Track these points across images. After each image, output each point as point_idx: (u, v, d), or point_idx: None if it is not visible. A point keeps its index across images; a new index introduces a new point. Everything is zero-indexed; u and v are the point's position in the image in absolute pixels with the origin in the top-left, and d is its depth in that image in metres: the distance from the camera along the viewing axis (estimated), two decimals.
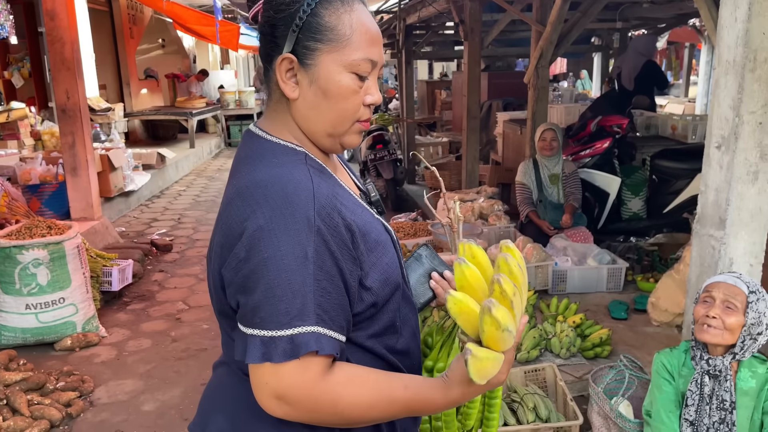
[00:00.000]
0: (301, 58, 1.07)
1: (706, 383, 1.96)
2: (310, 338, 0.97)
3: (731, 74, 2.14)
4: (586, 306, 3.97)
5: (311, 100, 1.09)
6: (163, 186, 9.01)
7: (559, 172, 4.86)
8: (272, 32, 1.09)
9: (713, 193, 2.26)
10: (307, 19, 1.05)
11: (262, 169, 1.05)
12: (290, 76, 1.09)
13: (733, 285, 1.91)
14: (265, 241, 0.98)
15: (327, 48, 1.06)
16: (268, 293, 0.97)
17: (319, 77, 1.07)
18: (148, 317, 4.33)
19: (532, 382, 2.94)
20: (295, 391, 0.99)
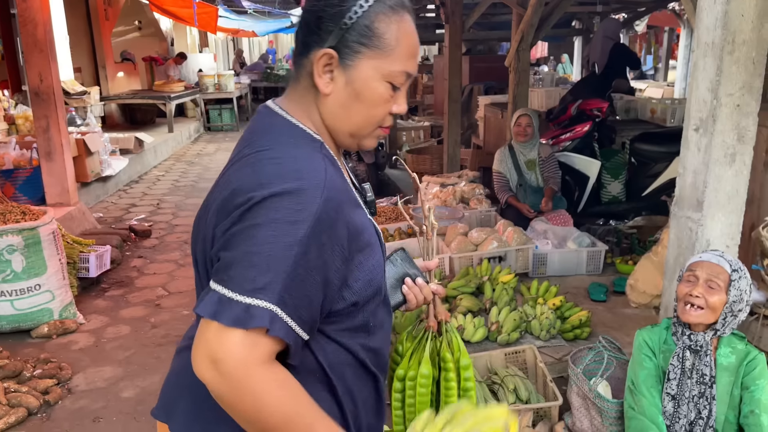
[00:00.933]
0: (342, 56, 1.06)
1: (687, 358, 1.99)
2: (264, 314, 0.95)
3: (710, 56, 2.14)
4: (566, 288, 4.00)
5: (343, 100, 1.09)
6: (141, 171, 8.88)
7: (535, 157, 4.88)
8: (317, 23, 1.07)
9: (691, 176, 2.27)
10: (357, 21, 1.05)
11: (279, 147, 1.06)
12: (327, 71, 1.08)
13: (716, 264, 1.93)
14: (263, 209, 0.98)
15: (371, 53, 1.06)
16: (245, 256, 0.96)
17: (356, 79, 1.07)
18: (127, 303, 4.29)
19: (512, 364, 2.96)
20: (230, 361, 0.94)
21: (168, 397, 1.21)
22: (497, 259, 4.19)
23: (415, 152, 7.62)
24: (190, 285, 4.60)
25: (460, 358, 1.48)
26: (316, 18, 1.07)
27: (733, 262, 1.95)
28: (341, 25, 1.05)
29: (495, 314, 3.37)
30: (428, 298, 1.44)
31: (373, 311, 1.18)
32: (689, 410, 2.00)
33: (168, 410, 1.18)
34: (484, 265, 4.01)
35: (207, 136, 12.89)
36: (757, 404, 1.92)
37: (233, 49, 21.92)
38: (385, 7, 1.06)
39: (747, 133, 2.17)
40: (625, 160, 5.38)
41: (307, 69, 1.10)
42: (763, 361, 1.99)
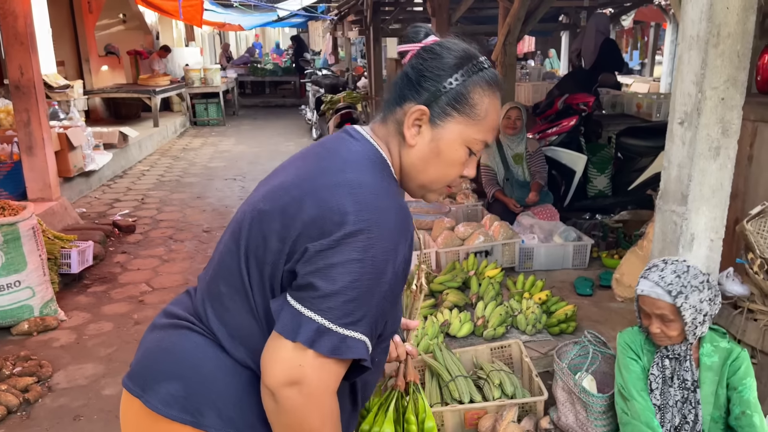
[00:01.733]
0: (433, 115, 1.15)
1: (667, 366, 1.98)
2: (360, 346, 1.05)
3: (695, 49, 2.13)
4: (552, 283, 4.00)
5: (424, 153, 1.18)
6: (125, 166, 8.78)
7: (523, 151, 4.87)
8: (418, 80, 1.16)
9: (676, 169, 2.27)
10: (456, 87, 1.14)
11: (375, 176, 1.13)
12: (416, 125, 1.17)
13: (657, 299, 1.88)
14: (364, 244, 1.04)
15: (460, 119, 1.15)
16: (346, 291, 1.03)
17: (441, 139, 1.16)
18: (109, 300, 4.23)
19: (498, 359, 2.95)
20: (314, 384, 1.03)
21: (148, 373, 1.20)
22: (484, 253, 4.18)
23: None
24: (174, 281, 4.55)
25: (425, 420, 1.51)
26: (419, 75, 1.16)
27: (673, 284, 1.86)
28: (441, 87, 1.14)
29: (481, 309, 3.36)
30: (401, 356, 1.48)
31: (384, 347, 1.27)
32: (673, 416, 1.99)
33: (145, 386, 1.18)
34: (470, 259, 4.00)
35: (193, 130, 12.79)
36: (747, 404, 1.89)
37: (220, 43, 21.75)
38: (483, 81, 1.16)
39: (731, 127, 2.17)
40: (611, 154, 5.39)
41: (398, 117, 1.18)
42: (747, 358, 1.97)
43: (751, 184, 2.72)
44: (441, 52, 1.16)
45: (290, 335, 1.03)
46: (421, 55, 1.16)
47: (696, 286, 1.84)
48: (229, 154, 10.07)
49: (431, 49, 1.17)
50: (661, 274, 1.89)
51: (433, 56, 1.15)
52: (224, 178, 8.25)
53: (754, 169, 2.68)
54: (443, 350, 2.82)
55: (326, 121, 8.58)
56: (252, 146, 10.73)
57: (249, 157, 9.70)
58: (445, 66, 1.14)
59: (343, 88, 10.63)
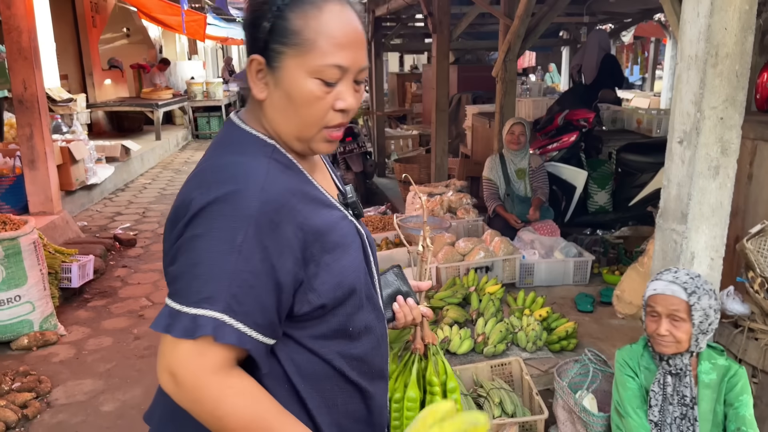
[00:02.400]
0: (269, 60, 1.06)
1: (668, 383, 1.97)
2: (209, 323, 0.96)
3: (693, 69, 2.14)
4: (553, 299, 3.99)
5: (277, 103, 1.09)
6: (127, 179, 8.81)
7: (526, 166, 4.88)
8: (249, 31, 1.09)
9: (675, 188, 2.27)
10: (275, 22, 1.04)
11: (225, 155, 1.07)
12: (261, 77, 1.08)
13: (671, 296, 1.88)
14: (202, 218, 0.99)
15: (292, 52, 1.04)
16: (188, 268, 0.98)
17: (284, 81, 1.06)
18: (109, 314, 4.23)
19: (498, 377, 2.94)
20: (184, 371, 0.97)
21: (153, 401, 1.23)
22: (484, 269, 4.17)
23: (404, 161, 7.62)
24: None
25: (447, 381, 1.47)
26: (248, 25, 1.09)
27: (688, 284, 1.89)
28: (262, 29, 1.05)
29: (481, 326, 3.35)
30: (417, 319, 1.42)
31: (350, 315, 1.14)
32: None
33: (150, 414, 1.21)
34: (470, 275, 4.00)
35: (195, 143, 12.84)
36: (742, 421, 1.90)
37: (222, 56, 21.87)
38: (301, 2, 1.04)
39: (730, 146, 2.17)
40: (612, 170, 5.40)
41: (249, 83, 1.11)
42: (745, 375, 1.97)
43: (751, 203, 2.72)
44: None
45: (154, 325, 1.00)
46: (246, 6, 1.12)
47: (707, 291, 1.88)
48: None
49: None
50: (675, 275, 1.93)
51: (250, 3, 1.09)
52: None
53: (754, 188, 2.69)
54: None
55: None
56: None
57: None
58: (260, 6, 1.06)
59: None
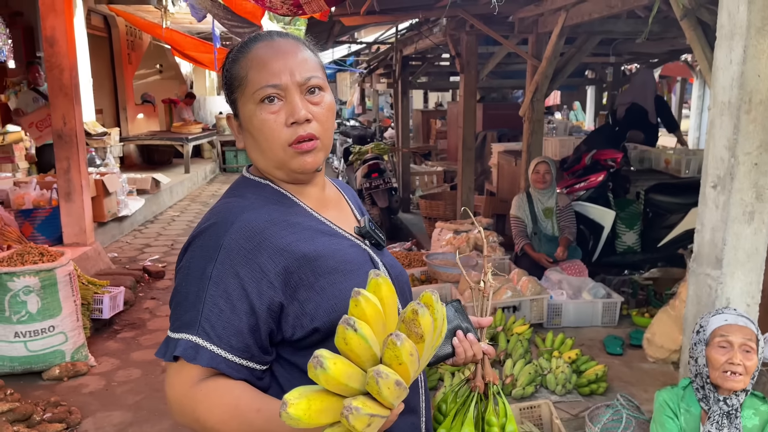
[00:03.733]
0: (234, 113, 1.20)
1: (724, 425, 1.94)
2: (184, 345, 1.05)
3: (726, 115, 2.16)
4: (582, 340, 3.94)
5: (249, 144, 1.20)
6: (156, 211, 8.98)
7: (553, 205, 4.88)
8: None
9: (709, 232, 2.26)
10: (226, 79, 1.20)
11: (222, 198, 1.21)
12: (237, 131, 1.23)
13: (745, 327, 1.92)
14: (187, 254, 1.13)
15: (239, 94, 1.16)
16: (174, 298, 1.12)
17: (244, 122, 1.17)
18: (138, 346, 4.28)
19: (527, 420, 2.90)
20: (170, 389, 1.09)
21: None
22: (512, 308, 4.15)
23: (428, 197, 7.66)
24: None
25: (506, 424, 1.41)
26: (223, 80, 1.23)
27: (752, 320, 1.94)
28: (226, 89, 1.20)
29: (510, 367, 3.32)
30: (477, 356, 1.40)
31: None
32: None
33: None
34: (498, 314, 3.97)
35: (222, 177, 13.06)
36: None
37: None
38: (233, 55, 1.18)
39: (765, 192, 2.17)
40: (640, 210, 5.37)
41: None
42: None
43: None
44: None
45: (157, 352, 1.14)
46: None
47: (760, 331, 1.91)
48: None
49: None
50: (737, 311, 1.98)
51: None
52: None
53: None
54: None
55: (354, 171, 8.71)
56: None
57: None
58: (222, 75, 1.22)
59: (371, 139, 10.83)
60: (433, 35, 6.52)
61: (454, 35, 5.88)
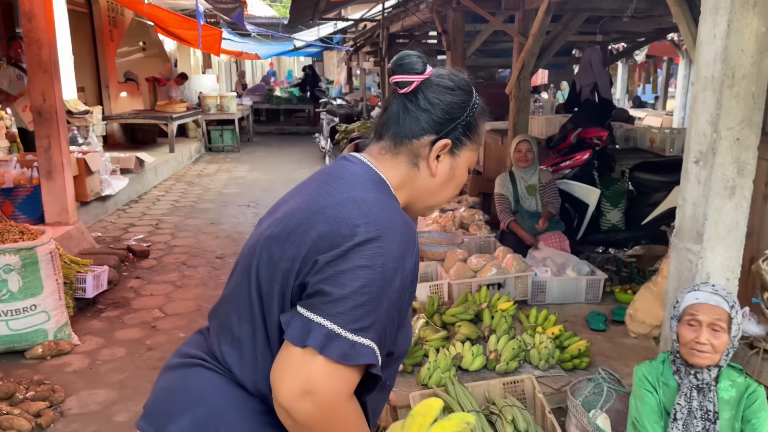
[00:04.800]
0: (453, 146, 1.24)
1: (694, 397, 1.97)
2: (370, 352, 1.05)
3: (710, 90, 2.16)
4: (565, 317, 3.98)
5: (442, 180, 1.25)
6: (141, 191, 8.89)
7: (536, 182, 4.89)
8: (438, 114, 1.21)
9: (691, 208, 2.28)
10: (469, 120, 1.24)
11: (378, 193, 1.17)
12: (437, 157, 1.23)
13: (715, 306, 1.91)
14: (373, 252, 1.06)
15: (471, 146, 1.26)
16: (355, 296, 1.04)
17: (458, 167, 1.26)
18: (122, 325, 4.25)
19: (510, 394, 2.93)
20: (328, 393, 1.02)
21: (161, 411, 1.22)
22: (496, 285, 4.17)
23: None
24: (187, 307, 4.57)
25: None
26: (437, 109, 1.21)
27: (728, 297, 1.94)
28: (459, 121, 1.22)
29: (493, 342, 3.35)
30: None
31: (394, 370, 1.25)
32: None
33: (159, 427, 1.19)
34: (483, 291, 4.00)
35: (208, 156, 12.94)
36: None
37: (236, 70, 22.11)
38: (482, 110, 1.27)
39: (747, 167, 2.18)
40: (625, 188, 5.40)
41: (414, 149, 1.23)
42: (763, 394, 1.97)
43: (766, 224, 2.72)
44: (454, 88, 1.23)
45: (299, 341, 1.03)
46: (434, 89, 1.21)
47: (739, 307, 1.89)
48: (244, 180, 10.17)
49: (445, 85, 1.22)
50: (714, 287, 1.96)
51: (448, 91, 1.22)
52: (238, 205, 8.32)
53: None
54: (455, 384, 2.80)
55: (340, 150, 8.67)
56: (266, 173, 10.83)
57: (263, 184, 9.78)
58: (460, 101, 1.21)
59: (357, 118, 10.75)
60: (420, 12, 6.46)
61: (440, 12, 5.84)
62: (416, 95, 1.21)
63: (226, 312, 1.23)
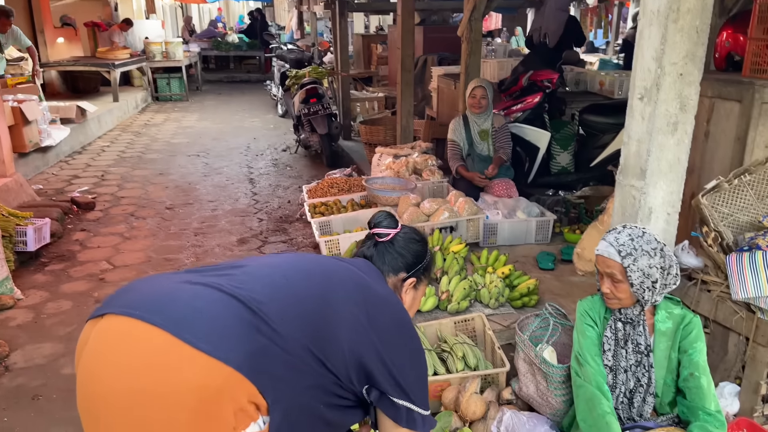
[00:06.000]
0: (417, 282, 1.74)
1: (620, 329, 2.03)
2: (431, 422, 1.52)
3: (655, 25, 2.15)
4: (515, 257, 4.06)
5: (408, 305, 1.72)
6: (84, 141, 8.54)
7: (489, 127, 4.88)
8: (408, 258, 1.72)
9: (635, 144, 2.30)
10: (427, 265, 1.77)
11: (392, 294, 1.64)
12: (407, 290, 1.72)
13: (607, 257, 1.93)
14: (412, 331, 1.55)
15: (425, 281, 1.78)
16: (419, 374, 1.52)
17: (416, 297, 1.77)
18: (68, 278, 4.14)
19: (461, 332, 2.99)
20: None
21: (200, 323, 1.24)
22: (448, 229, 4.20)
23: (369, 123, 7.55)
24: (136, 258, 4.47)
25: None
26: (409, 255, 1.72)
27: (624, 246, 1.91)
28: (423, 264, 1.74)
29: (445, 283, 3.39)
30: None
31: None
32: (627, 379, 2.05)
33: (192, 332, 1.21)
34: (435, 235, 4.02)
35: (155, 105, 12.50)
36: (696, 367, 1.96)
37: (182, 15, 21.16)
38: (432, 257, 1.81)
39: (689, 102, 2.21)
40: (575, 131, 5.45)
41: (394, 282, 1.70)
42: (699, 324, 2.03)
43: (707, 160, 2.78)
44: (419, 240, 1.75)
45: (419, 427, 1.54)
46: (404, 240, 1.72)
47: (647, 251, 1.88)
48: (193, 130, 9.88)
49: (413, 238, 1.74)
50: (617, 236, 1.95)
51: (415, 242, 1.73)
52: (187, 155, 8.10)
53: (711, 145, 2.75)
54: None
55: (291, 97, 8.44)
56: (216, 122, 10.54)
57: (213, 133, 9.53)
58: (422, 249, 1.74)
59: (308, 63, 10.46)
60: None
61: None
62: (393, 244, 1.70)
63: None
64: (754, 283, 2.16)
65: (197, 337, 1.19)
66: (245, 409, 1.20)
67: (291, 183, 6.69)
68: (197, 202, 5.93)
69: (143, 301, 1.27)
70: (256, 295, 1.31)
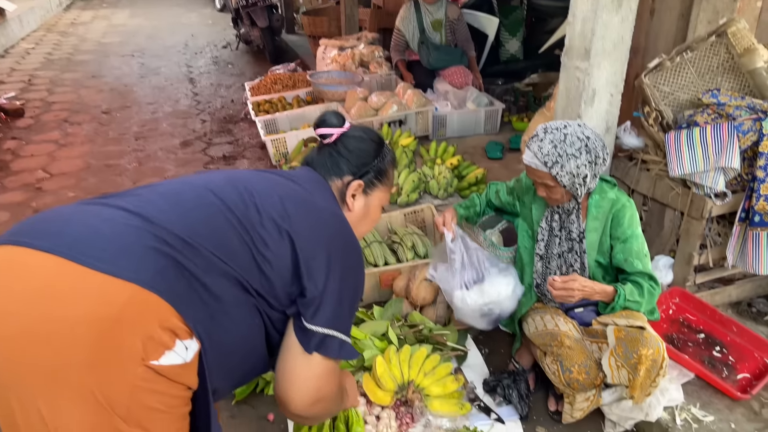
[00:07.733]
0: (365, 187, 1.50)
1: (555, 220, 2.06)
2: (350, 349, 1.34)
3: None
4: (465, 149, 4.06)
5: (357, 215, 1.51)
6: (6, 44, 7.93)
7: (442, 17, 4.70)
8: (353, 159, 1.49)
9: (580, 24, 2.25)
10: (378, 165, 1.52)
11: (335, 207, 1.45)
12: (354, 194, 1.49)
13: (536, 169, 1.91)
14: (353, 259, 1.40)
15: (382, 188, 1.54)
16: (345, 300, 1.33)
17: (370, 205, 1.53)
18: (3, 188, 3.95)
19: (411, 224, 3.02)
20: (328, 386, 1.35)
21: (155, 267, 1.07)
22: (398, 123, 4.14)
23: (312, 14, 7.19)
24: (74, 165, 4.28)
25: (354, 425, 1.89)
26: (353, 155, 1.50)
27: (549, 155, 1.86)
28: (370, 166, 1.51)
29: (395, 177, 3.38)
30: None
31: None
32: (559, 265, 2.10)
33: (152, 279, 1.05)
34: (384, 129, 3.96)
35: (81, 2, 11.61)
36: (629, 252, 1.99)
37: None
38: (391, 158, 1.58)
39: None
40: (523, 16, 5.32)
41: (338, 186, 1.48)
42: (632, 208, 2.01)
43: (652, 39, 2.76)
44: (366, 138, 1.53)
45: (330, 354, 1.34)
46: (350, 139, 1.51)
47: (572, 154, 1.83)
48: (125, 28, 9.26)
49: (359, 136, 1.53)
50: (540, 144, 1.87)
51: (361, 140, 1.52)
52: (121, 55, 7.63)
53: (655, 23, 2.71)
54: None
55: None
56: (150, 19, 9.90)
57: (147, 31, 8.96)
58: (371, 149, 1.52)
59: None
60: None
61: None
62: (336, 145, 1.50)
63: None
64: (691, 159, 2.21)
65: (93, 257, 1.04)
66: (156, 337, 1.04)
67: (233, 81, 6.42)
68: (135, 105, 5.65)
69: (32, 229, 1.11)
70: (164, 214, 1.17)
